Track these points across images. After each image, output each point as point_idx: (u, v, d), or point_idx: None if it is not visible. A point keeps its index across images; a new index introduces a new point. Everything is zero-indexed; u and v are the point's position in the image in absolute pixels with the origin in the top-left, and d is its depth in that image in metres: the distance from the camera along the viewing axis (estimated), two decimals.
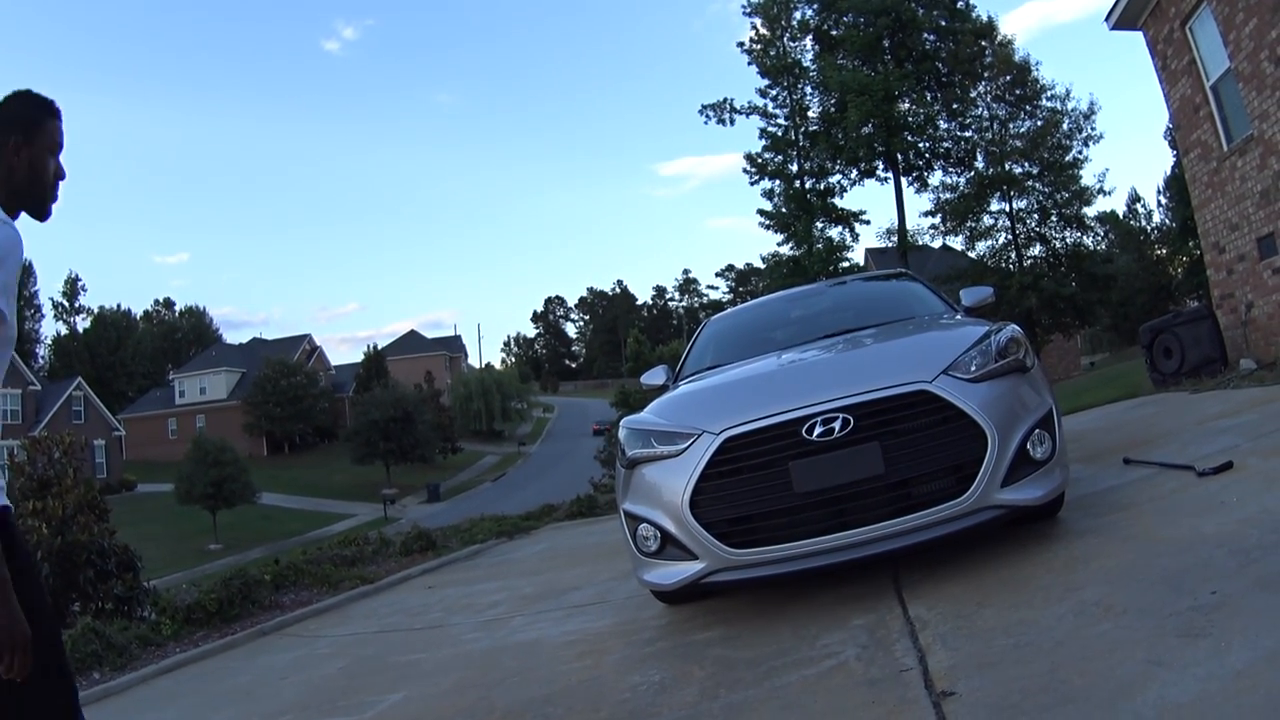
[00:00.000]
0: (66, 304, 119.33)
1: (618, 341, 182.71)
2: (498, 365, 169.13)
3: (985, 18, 55.19)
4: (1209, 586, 4.57)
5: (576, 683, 5.86)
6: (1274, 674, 3.52)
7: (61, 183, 3.76)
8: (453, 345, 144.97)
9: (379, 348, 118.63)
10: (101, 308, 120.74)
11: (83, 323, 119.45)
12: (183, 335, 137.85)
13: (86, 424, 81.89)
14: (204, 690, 7.89)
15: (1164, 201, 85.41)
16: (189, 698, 7.72)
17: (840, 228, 57.83)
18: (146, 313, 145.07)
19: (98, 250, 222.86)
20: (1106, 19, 19.91)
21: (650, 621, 7.14)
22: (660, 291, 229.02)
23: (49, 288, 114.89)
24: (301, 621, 10.42)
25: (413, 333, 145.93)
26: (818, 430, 5.89)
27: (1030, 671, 4.14)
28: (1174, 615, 4.32)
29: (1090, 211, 55.23)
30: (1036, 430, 6.18)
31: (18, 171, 3.58)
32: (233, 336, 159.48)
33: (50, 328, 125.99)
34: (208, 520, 68.75)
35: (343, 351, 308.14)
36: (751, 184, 58.53)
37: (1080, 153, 52.49)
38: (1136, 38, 19.90)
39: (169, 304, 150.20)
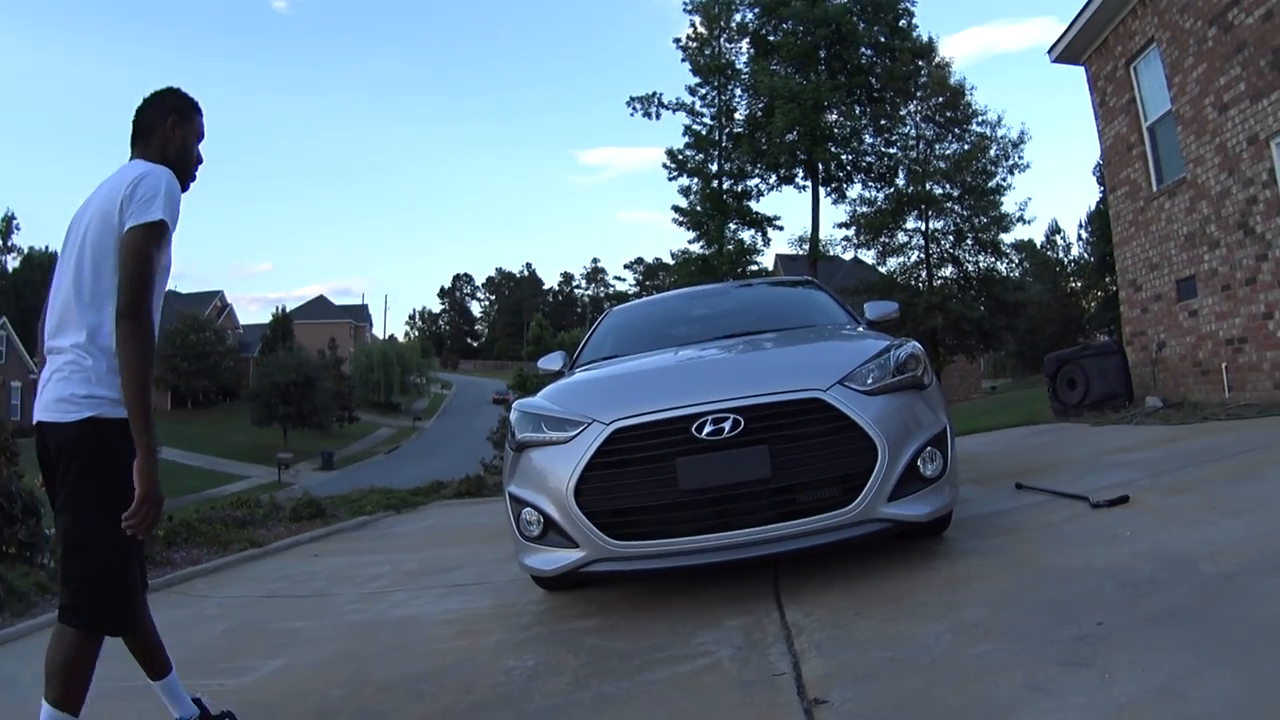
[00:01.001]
0: (0, 242, 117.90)
1: (521, 324, 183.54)
2: (401, 338, 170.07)
3: (926, 38, 55.44)
4: (1095, 617, 4.58)
5: (452, 662, 5.82)
6: (1161, 711, 3.52)
7: (200, 166, 4.86)
8: (359, 314, 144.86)
9: (287, 310, 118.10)
10: (31, 248, 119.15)
11: (13, 262, 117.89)
12: None
13: (6, 365, 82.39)
14: None
15: (1085, 236, 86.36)
16: None
17: (753, 231, 58.18)
18: None
19: (35, 188, 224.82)
20: (1050, 51, 20.21)
21: (529, 606, 7.12)
22: (567, 278, 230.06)
23: None
24: (189, 580, 10.26)
25: (321, 298, 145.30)
26: (707, 429, 5.87)
27: (904, 686, 4.13)
28: (1057, 643, 4.32)
29: (1007, 238, 55.92)
30: (928, 448, 6.21)
31: (172, 144, 4.65)
32: None
33: None
34: None
35: (252, 311, 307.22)
36: (670, 179, 58.52)
37: (1004, 180, 53.11)
38: (1077, 72, 20.19)
39: None
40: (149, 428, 4.13)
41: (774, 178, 56.63)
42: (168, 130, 4.63)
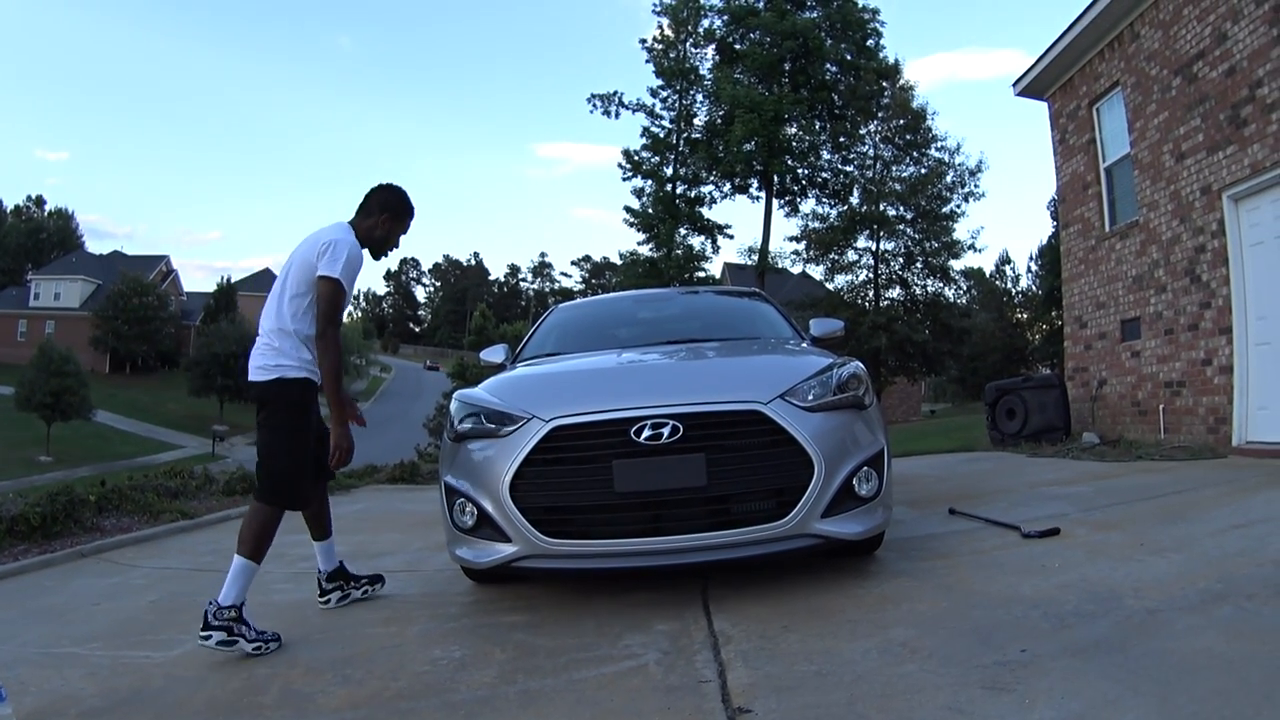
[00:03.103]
0: None
1: (465, 313, 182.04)
2: (344, 317, 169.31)
3: (892, 60, 55.60)
4: (1019, 645, 4.64)
5: (378, 648, 5.81)
6: None
7: (395, 250, 7.07)
8: None
9: (232, 280, 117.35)
10: None
11: None
12: (47, 236, 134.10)
13: None
14: (19, 606, 7.68)
15: (1034, 268, 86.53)
16: (4, 612, 7.48)
17: (703, 237, 57.99)
18: (17, 207, 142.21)
19: None
20: (1014, 84, 20.32)
21: (457, 597, 7.12)
22: (514, 270, 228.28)
23: None
24: (120, 549, 10.20)
25: (267, 270, 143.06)
26: (646, 433, 5.89)
27: (828, 700, 4.15)
28: (980, 667, 4.37)
29: (957, 265, 56.12)
30: (865, 467, 6.25)
31: (377, 230, 6.74)
32: (95, 246, 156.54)
33: None
34: (41, 430, 68.39)
35: (197, 279, 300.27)
36: (624, 179, 58.14)
37: (958, 206, 53.26)
38: (1040, 107, 20.36)
39: (40, 202, 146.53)
40: (340, 405, 6.44)
41: (728, 186, 56.54)
42: (377, 221, 6.73)
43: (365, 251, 6.70)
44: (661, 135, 57.36)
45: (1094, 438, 15.95)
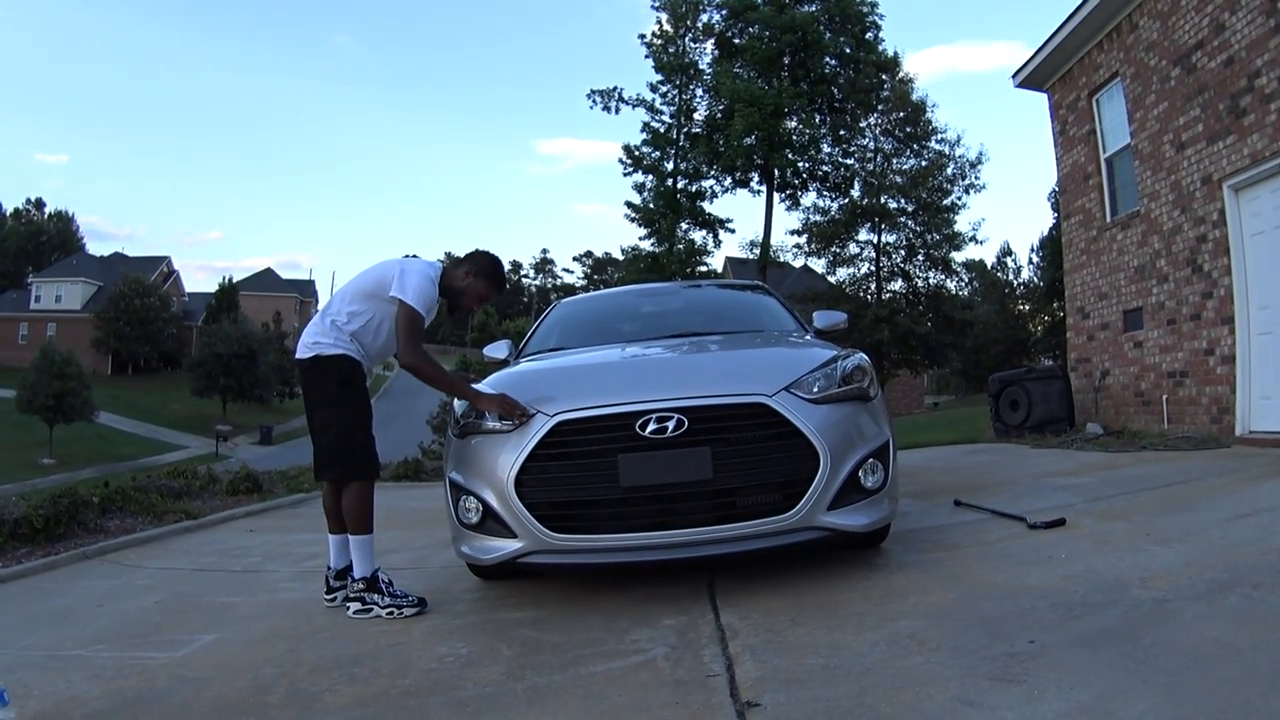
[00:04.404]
0: None
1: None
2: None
3: (891, 52, 55.66)
4: (1027, 635, 4.63)
5: (385, 646, 5.78)
6: None
7: (466, 310, 7.32)
8: (305, 289, 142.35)
9: (234, 280, 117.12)
10: None
11: None
12: (48, 239, 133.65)
13: None
14: (22, 609, 7.64)
15: (1035, 260, 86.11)
16: (7, 616, 7.47)
17: (705, 232, 58.35)
18: (16, 210, 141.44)
19: None
20: (1014, 76, 20.30)
21: (463, 594, 7.10)
22: (515, 267, 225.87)
23: None
24: (123, 550, 10.16)
25: (269, 270, 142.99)
26: (651, 427, 5.87)
27: (837, 693, 4.14)
28: (989, 659, 4.36)
29: (959, 257, 56.07)
30: (870, 459, 6.21)
31: (456, 283, 7.08)
32: (96, 248, 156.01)
33: None
34: (44, 433, 68.13)
35: (199, 280, 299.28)
36: (625, 175, 58.40)
37: (959, 199, 53.20)
38: (1039, 98, 20.34)
39: (40, 205, 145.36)
40: (465, 394, 6.71)
41: (729, 180, 56.76)
42: (465, 274, 7.08)
43: (442, 298, 7.10)
44: (662, 130, 57.49)
45: (1098, 428, 15.94)
